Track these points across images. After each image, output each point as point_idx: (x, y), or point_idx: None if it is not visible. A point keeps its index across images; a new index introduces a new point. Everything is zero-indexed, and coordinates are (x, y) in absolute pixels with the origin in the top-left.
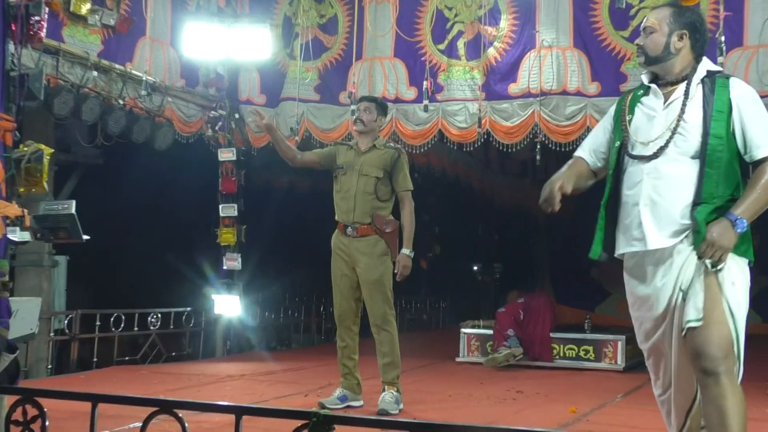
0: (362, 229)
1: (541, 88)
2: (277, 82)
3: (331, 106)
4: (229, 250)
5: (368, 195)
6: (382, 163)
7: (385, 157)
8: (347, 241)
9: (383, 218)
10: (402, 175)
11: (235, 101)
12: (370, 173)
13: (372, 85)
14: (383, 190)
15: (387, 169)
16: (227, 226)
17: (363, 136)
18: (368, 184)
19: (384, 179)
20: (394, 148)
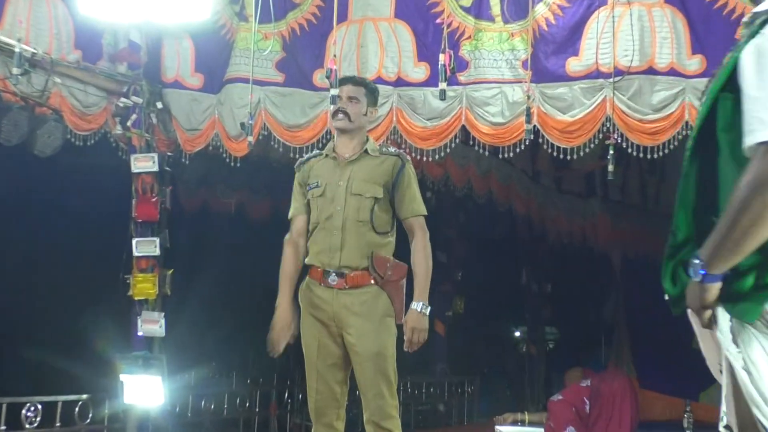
0: (354, 277)
1: (615, 65)
2: (221, 56)
3: (300, 92)
4: (146, 308)
5: (362, 225)
6: (381, 177)
7: (384, 167)
8: (329, 295)
9: (385, 260)
10: (410, 194)
11: (156, 83)
12: (364, 192)
13: (362, 59)
14: (382, 217)
15: (387, 185)
16: (144, 270)
17: (346, 137)
18: (362, 209)
19: (383, 200)
20: (395, 154)
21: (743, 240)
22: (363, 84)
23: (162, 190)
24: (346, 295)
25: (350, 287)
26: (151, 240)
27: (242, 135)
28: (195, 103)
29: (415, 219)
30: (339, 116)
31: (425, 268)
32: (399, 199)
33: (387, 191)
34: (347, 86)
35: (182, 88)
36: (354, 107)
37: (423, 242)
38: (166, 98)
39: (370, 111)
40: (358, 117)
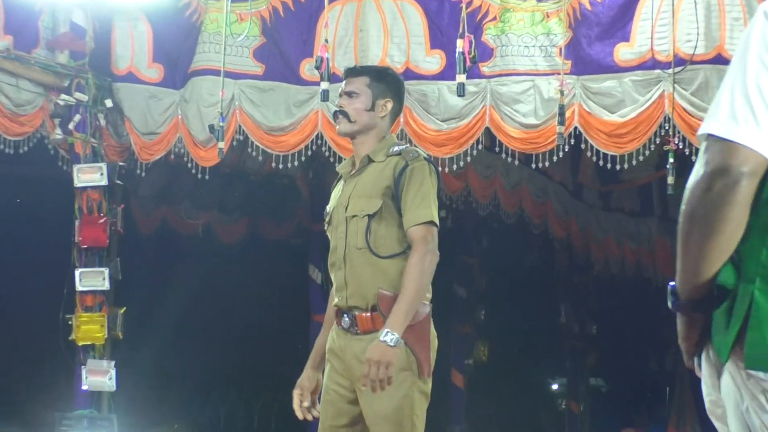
0: (363, 319)
1: (674, 52)
2: (185, 42)
3: (284, 86)
4: (92, 355)
5: (362, 253)
6: (380, 185)
7: (384, 173)
8: (344, 341)
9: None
10: (411, 198)
11: (105, 76)
12: (358, 211)
13: (361, 46)
14: (385, 235)
15: (388, 194)
16: (90, 309)
17: (357, 144)
18: (359, 233)
19: (385, 213)
20: (398, 153)
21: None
22: (365, 72)
23: (112, 209)
24: (357, 341)
25: (362, 332)
26: (98, 271)
27: (212, 140)
28: (153, 100)
29: (416, 229)
30: (337, 119)
31: (409, 289)
32: (402, 207)
33: (389, 201)
34: (347, 80)
35: (137, 81)
36: (354, 103)
37: (417, 256)
38: (117, 94)
39: (380, 104)
40: (360, 115)
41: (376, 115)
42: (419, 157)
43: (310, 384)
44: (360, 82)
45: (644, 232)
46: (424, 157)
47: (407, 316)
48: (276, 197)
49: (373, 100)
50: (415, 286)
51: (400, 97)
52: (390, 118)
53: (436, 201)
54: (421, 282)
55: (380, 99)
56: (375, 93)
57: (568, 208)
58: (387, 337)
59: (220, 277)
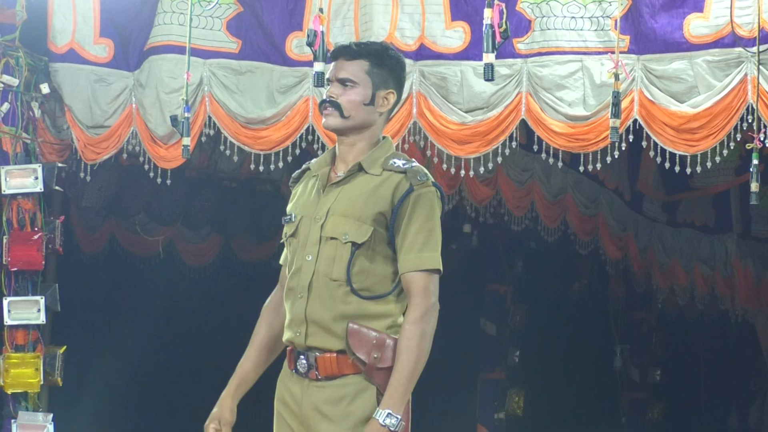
0: (325, 361)
1: (760, 25)
2: (140, 13)
3: (266, 67)
4: (25, 406)
5: (336, 286)
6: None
7: (380, 192)
8: (299, 388)
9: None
10: (414, 232)
11: (41, 54)
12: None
13: (363, 17)
14: (374, 272)
15: (382, 220)
16: (21, 348)
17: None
18: (337, 261)
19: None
20: (402, 170)
21: None
22: (365, 54)
23: (49, 222)
24: (318, 389)
25: (323, 377)
26: (32, 300)
27: (175, 135)
28: (101, 85)
29: (416, 276)
30: (326, 110)
31: (410, 359)
32: (398, 243)
33: (381, 230)
34: (339, 61)
35: (81, 61)
36: (350, 94)
37: (419, 315)
38: (56, 78)
39: (382, 96)
40: (356, 109)
41: (375, 111)
42: (427, 182)
43: (231, 416)
44: (358, 68)
45: (720, 253)
46: (432, 182)
47: (409, 390)
48: (256, 208)
49: (374, 92)
50: (417, 355)
51: (402, 84)
52: (388, 114)
53: (440, 241)
54: (424, 348)
55: (382, 90)
56: (375, 82)
57: (625, 223)
58: (388, 421)
59: (184, 309)
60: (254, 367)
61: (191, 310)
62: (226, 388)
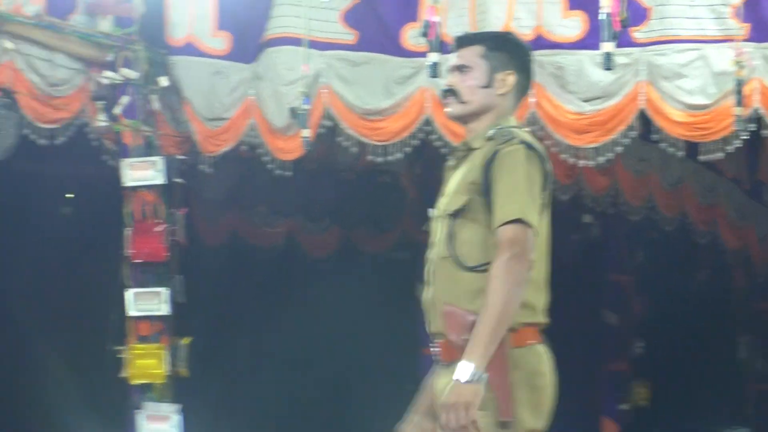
0: (443, 347)
1: None
2: (256, 7)
3: (383, 58)
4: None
5: (445, 263)
6: (469, 176)
7: (476, 160)
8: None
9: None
10: (500, 189)
11: (159, 48)
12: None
13: (479, 8)
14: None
15: (474, 187)
16: (145, 339)
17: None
18: (444, 236)
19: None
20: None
21: None
22: (478, 39)
23: (171, 214)
24: (442, 376)
25: (446, 363)
26: (155, 292)
27: (293, 127)
28: (219, 77)
29: (503, 229)
30: (445, 99)
31: (492, 305)
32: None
33: (478, 197)
34: (458, 51)
35: (198, 54)
36: (466, 80)
37: (500, 263)
38: (175, 71)
39: (499, 78)
40: (473, 93)
41: (494, 93)
42: (513, 140)
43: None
44: (472, 53)
45: None
46: (520, 140)
47: (491, 341)
48: (375, 200)
49: (490, 74)
50: (500, 301)
51: (526, 67)
52: (514, 95)
53: (535, 196)
54: (508, 295)
55: (499, 72)
56: (492, 65)
57: (744, 213)
58: (460, 373)
59: (306, 300)
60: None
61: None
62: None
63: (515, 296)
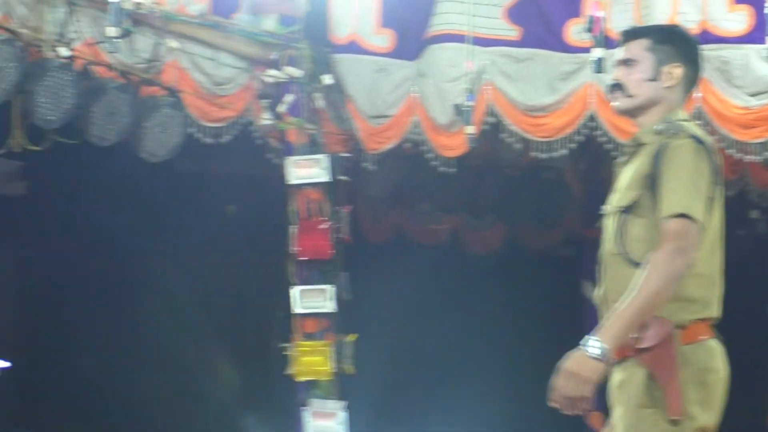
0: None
1: None
2: (419, 5)
3: (546, 54)
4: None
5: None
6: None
7: (644, 158)
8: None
9: None
10: (665, 182)
11: (323, 46)
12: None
13: (644, 2)
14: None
15: (646, 182)
16: (311, 336)
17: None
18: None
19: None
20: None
21: None
22: (644, 33)
23: (336, 212)
24: (615, 373)
25: (617, 361)
26: (320, 289)
27: (457, 124)
28: (382, 75)
29: (667, 223)
30: (613, 93)
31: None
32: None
33: (648, 193)
34: (624, 45)
35: (362, 52)
36: (632, 73)
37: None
38: (338, 69)
39: (665, 71)
40: (640, 87)
41: (661, 86)
42: (681, 134)
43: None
44: (638, 47)
45: None
46: (689, 134)
47: (629, 326)
48: (539, 196)
49: (657, 68)
50: (651, 290)
51: (693, 60)
52: (682, 88)
53: (701, 190)
54: (661, 286)
55: (665, 65)
56: (658, 58)
57: None
58: (588, 344)
59: (470, 297)
60: None
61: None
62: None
63: (667, 289)
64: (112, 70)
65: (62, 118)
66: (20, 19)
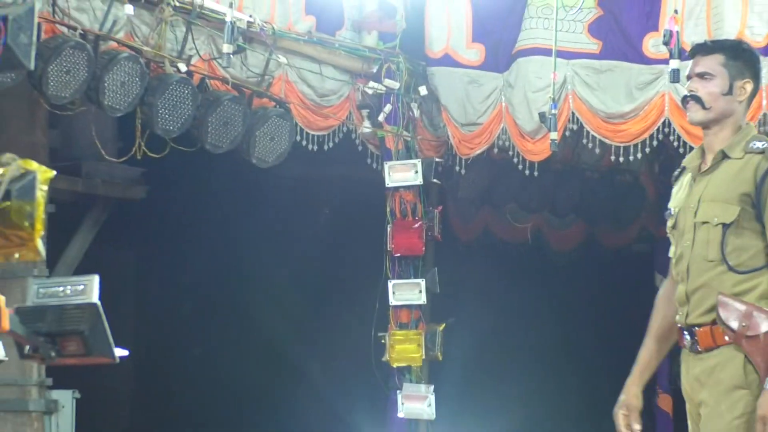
0: (702, 335)
1: None
2: (509, 19)
3: (624, 65)
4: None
5: (713, 265)
6: (738, 189)
7: (744, 174)
8: (685, 363)
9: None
10: None
11: (419, 60)
12: (710, 217)
13: (714, 18)
14: (746, 248)
15: (748, 200)
16: (405, 326)
17: (709, 135)
18: (711, 243)
19: (743, 222)
20: (761, 151)
21: None
22: (718, 48)
23: (428, 212)
24: (698, 361)
25: (703, 350)
26: (414, 282)
27: (542, 130)
28: (473, 86)
29: None
30: (687, 104)
31: None
32: (765, 218)
33: (749, 209)
34: (696, 58)
35: (455, 65)
36: (708, 86)
37: None
38: (432, 80)
39: (738, 86)
40: (716, 100)
41: (734, 100)
42: None
43: (637, 402)
44: (713, 61)
45: None
46: None
47: None
48: (616, 197)
49: (731, 82)
50: None
51: (758, 76)
52: (747, 102)
53: None
54: None
55: (738, 80)
56: (732, 73)
57: None
58: None
59: (551, 291)
60: (653, 355)
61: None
62: (630, 376)
63: None
64: (226, 84)
65: (181, 127)
66: (143, 38)
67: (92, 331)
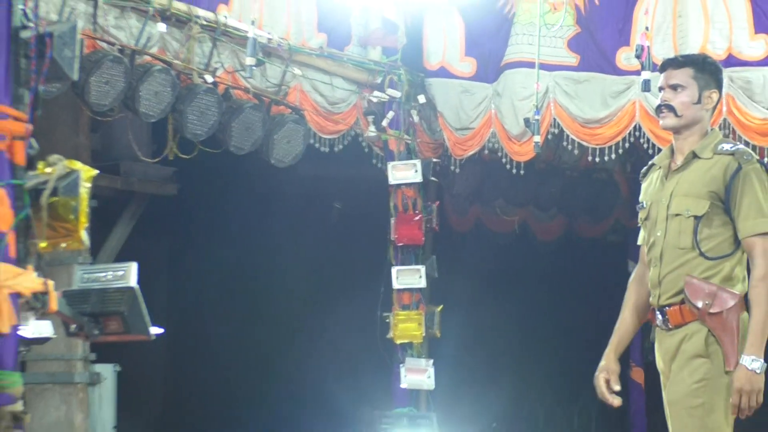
0: (672, 313)
1: None
2: (498, 35)
3: (600, 76)
4: (410, 353)
5: (684, 252)
6: (707, 186)
7: (712, 173)
8: (658, 340)
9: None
10: (746, 206)
11: (418, 72)
12: (682, 210)
13: (680, 33)
14: (716, 238)
15: (718, 196)
16: (407, 307)
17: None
18: (683, 233)
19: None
20: (729, 152)
21: None
22: (688, 63)
23: (427, 206)
24: (668, 337)
25: (673, 326)
26: (414, 269)
27: (527, 134)
28: (466, 95)
29: (753, 240)
30: (662, 112)
31: (761, 311)
32: (734, 213)
33: (717, 203)
34: (667, 71)
35: (450, 76)
36: (680, 97)
37: (761, 272)
38: (430, 90)
39: (706, 96)
40: (686, 108)
41: (702, 108)
42: (752, 160)
43: (616, 367)
44: (684, 74)
45: None
46: (756, 159)
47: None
48: (593, 193)
49: (700, 93)
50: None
51: (721, 85)
52: (713, 109)
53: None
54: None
55: (706, 90)
56: (701, 84)
57: None
58: (753, 365)
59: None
60: (629, 328)
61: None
62: (609, 345)
63: None
64: (247, 93)
65: (207, 131)
66: (174, 53)
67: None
